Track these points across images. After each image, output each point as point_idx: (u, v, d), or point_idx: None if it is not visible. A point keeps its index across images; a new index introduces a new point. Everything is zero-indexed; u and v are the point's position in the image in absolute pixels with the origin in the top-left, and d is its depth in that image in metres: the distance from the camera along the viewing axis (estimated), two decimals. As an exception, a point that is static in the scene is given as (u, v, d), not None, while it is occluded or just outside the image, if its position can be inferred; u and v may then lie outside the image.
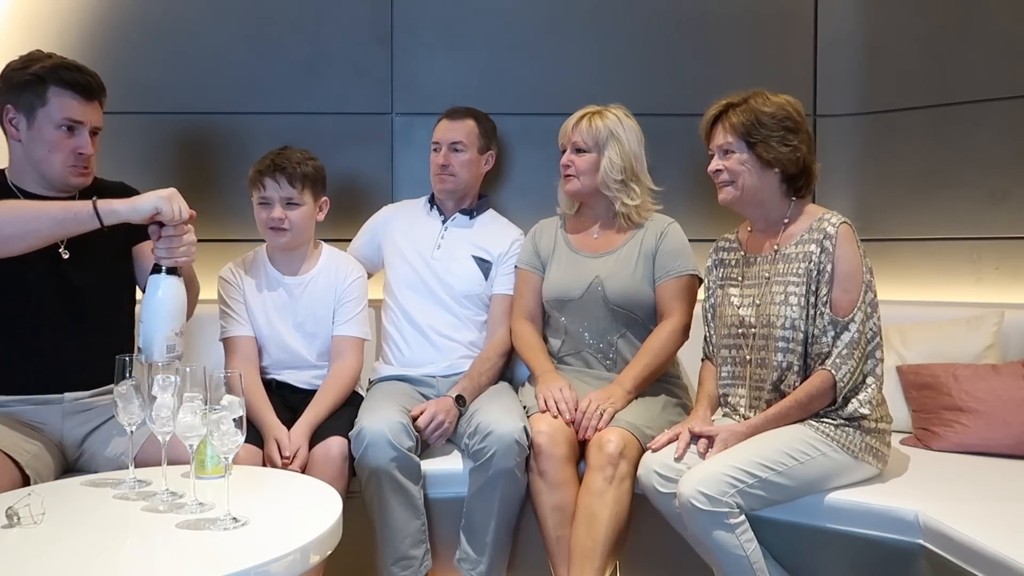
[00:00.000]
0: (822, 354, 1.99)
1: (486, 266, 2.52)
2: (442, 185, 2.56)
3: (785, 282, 2.04)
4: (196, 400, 1.51)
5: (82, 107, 1.99)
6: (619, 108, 2.40)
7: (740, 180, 2.07)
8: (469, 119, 2.57)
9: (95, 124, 2.03)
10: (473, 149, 2.55)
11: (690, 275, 2.34)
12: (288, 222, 2.28)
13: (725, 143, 2.08)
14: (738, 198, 2.09)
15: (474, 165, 2.57)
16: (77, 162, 2.00)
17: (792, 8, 2.95)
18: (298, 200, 2.28)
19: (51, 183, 2.01)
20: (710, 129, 2.13)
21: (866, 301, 1.99)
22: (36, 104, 1.96)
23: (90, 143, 2.01)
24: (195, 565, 1.35)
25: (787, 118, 2.05)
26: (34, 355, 1.99)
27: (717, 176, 2.11)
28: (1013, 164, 2.71)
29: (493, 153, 2.63)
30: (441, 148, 2.54)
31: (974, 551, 1.66)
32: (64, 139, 1.98)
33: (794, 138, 2.05)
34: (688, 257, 2.35)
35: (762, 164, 2.05)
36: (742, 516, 1.87)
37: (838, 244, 1.99)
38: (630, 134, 2.36)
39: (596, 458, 2.08)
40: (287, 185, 2.27)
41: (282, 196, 2.27)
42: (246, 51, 2.86)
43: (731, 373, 2.16)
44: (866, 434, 1.99)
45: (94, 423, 2.04)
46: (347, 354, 2.35)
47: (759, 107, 2.05)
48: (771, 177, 2.07)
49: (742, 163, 2.06)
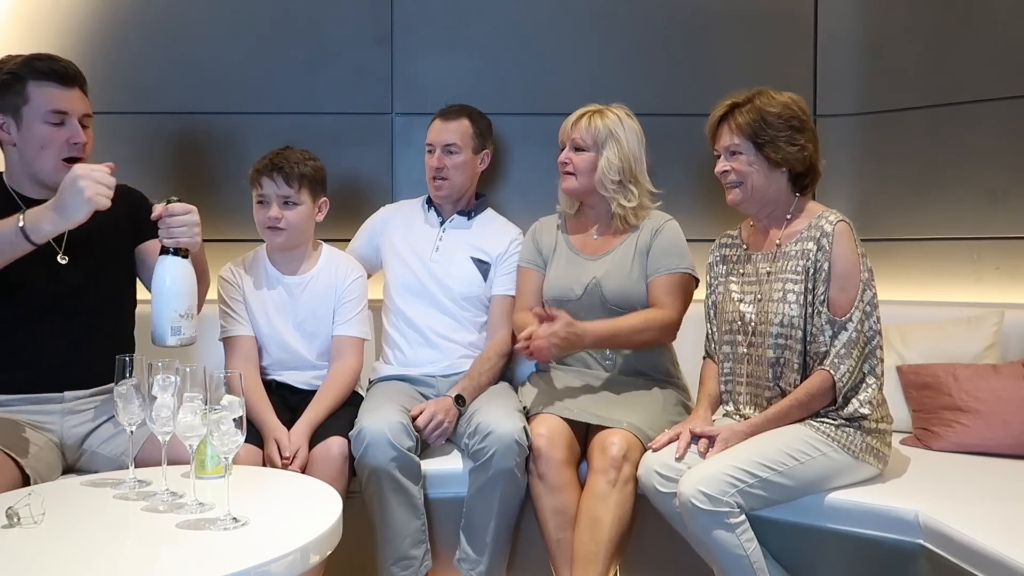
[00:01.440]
0: (820, 353, 1.99)
1: (484, 267, 2.51)
2: (437, 192, 2.54)
3: (784, 279, 2.04)
4: (196, 400, 1.51)
5: (64, 94, 1.97)
6: (621, 108, 2.39)
7: (748, 181, 2.07)
8: (463, 118, 2.53)
9: (83, 111, 2.00)
10: (468, 150, 2.52)
11: (683, 273, 2.31)
12: (285, 221, 2.27)
13: (732, 144, 2.07)
14: (747, 199, 2.09)
15: (469, 166, 2.55)
16: (72, 152, 1.97)
17: (792, 8, 2.95)
18: (295, 199, 2.28)
19: (45, 182, 1.98)
20: (715, 130, 2.12)
21: (864, 300, 1.99)
22: (19, 103, 1.95)
23: (82, 132, 1.99)
24: (195, 565, 1.35)
25: (793, 117, 2.04)
26: (34, 355, 1.99)
27: (725, 177, 2.10)
28: (1013, 164, 2.71)
29: (489, 152, 2.61)
30: (435, 150, 2.51)
31: (974, 551, 1.66)
32: (54, 132, 1.96)
33: (800, 137, 2.05)
34: (682, 255, 2.32)
35: (770, 164, 2.05)
36: (742, 516, 1.87)
37: (835, 243, 1.99)
38: (630, 135, 2.35)
39: (599, 461, 2.08)
40: (284, 184, 2.26)
41: (279, 195, 2.27)
42: (246, 51, 2.86)
43: (732, 369, 2.16)
44: (867, 434, 1.99)
45: (94, 423, 2.04)
46: (347, 354, 2.35)
47: (765, 107, 2.04)
48: (778, 176, 2.07)
49: (750, 164, 2.06)
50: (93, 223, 1.93)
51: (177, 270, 1.76)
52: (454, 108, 2.56)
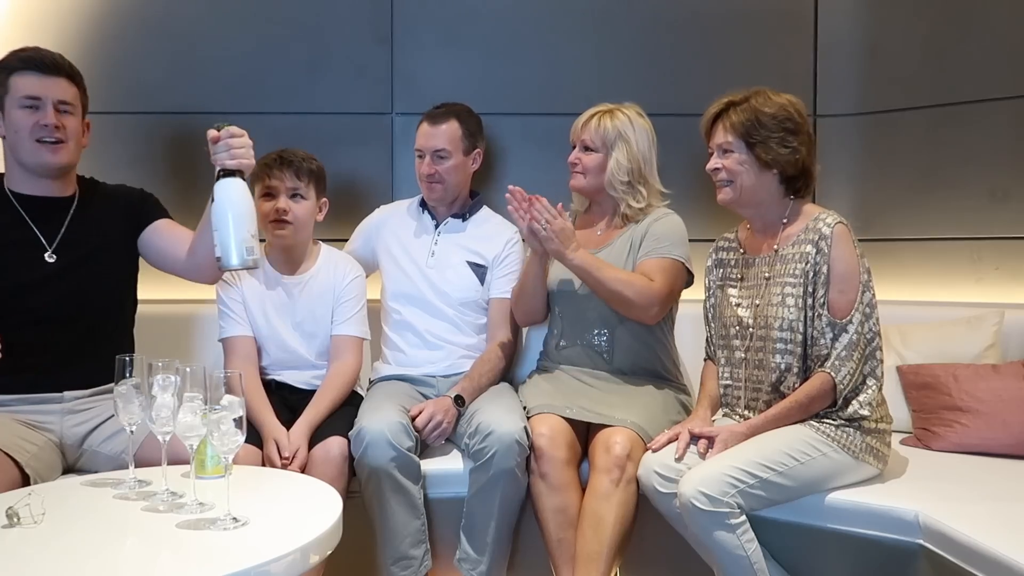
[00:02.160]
0: (821, 356, 1.98)
1: (481, 271, 2.50)
2: (431, 194, 2.52)
3: (783, 283, 2.04)
4: (196, 400, 1.51)
5: (40, 82, 1.99)
6: (632, 107, 2.39)
7: (738, 180, 2.06)
8: (451, 120, 2.46)
9: (59, 97, 2.01)
10: (458, 153, 2.47)
11: (674, 259, 2.28)
12: (292, 215, 2.28)
13: (724, 142, 2.07)
14: (736, 198, 2.08)
15: (461, 169, 2.50)
16: (43, 134, 1.99)
17: (792, 8, 2.95)
18: (303, 193, 2.29)
19: (27, 167, 2.02)
20: (710, 127, 2.12)
21: (864, 302, 1.99)
22: (3, 95, 1.99)
23: (54, 115, 1.99)
24: (195, 565, 1.35)
25: (788, 119, 2.04)
26: (32, 356, 1.99)
27: (715, 175, 2.10)
28: (1013, 164, 2.71)
29: (481, 150, 2.56)
30: (425, 156, 2.46)
31: (974, 551, 1.66)
32: (27, 116, 1.98)
33: (794, 140, 2.04)
34: (676, 244, 2.29)
35: (760, 165, 2.04)
36: (743, 516, 1.86)
37: (834, 245, 1.98)
38: (640, 135, 2.34)
39: (603, 460, 2.08)
40: (293, 177, 2.28)
41: (288, 187, 2.28)
42: (246, 51, 2.86)
43: (730, 374, 2.16)
44: (866, 434, 1.99)
45: (94, 422, 2.04)
46: (346, 353, 2.35)
47: (760, 107, 2.03)
48: (769, 178, 2.06)
49: (740, 163, 2.05)
50: (89, 222, 1.94)
51: (241, 192, 1.69)
52: (440, 111, 2.49)
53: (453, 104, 2.52)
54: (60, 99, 2.01)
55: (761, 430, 1.99)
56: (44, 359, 2.00)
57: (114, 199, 2.16)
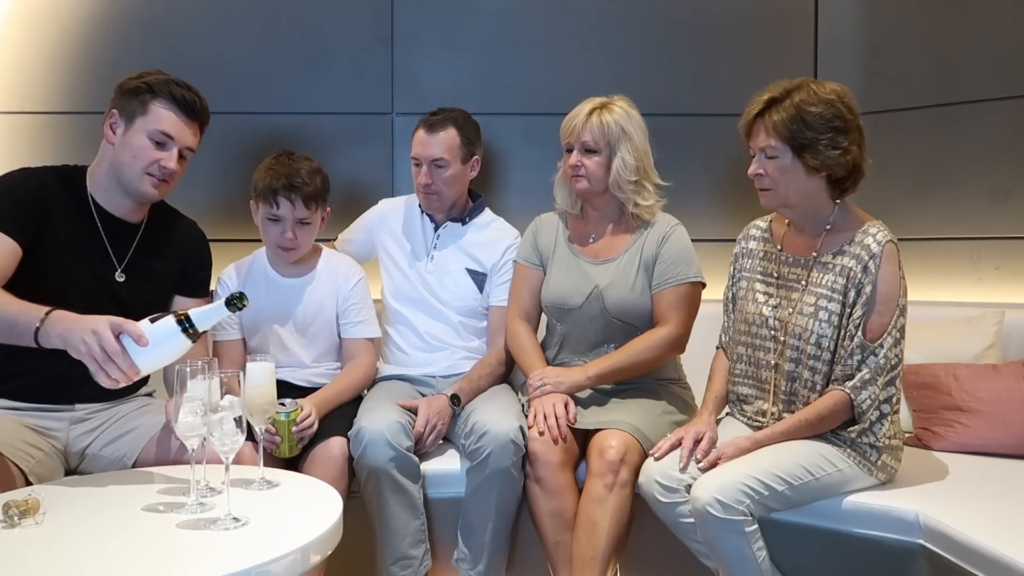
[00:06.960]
0: (843, 375, 1.91)
1: (480, 278, 2.47)
2: (428, 205, 2.47)
3: (818, 294, 1.93)
4: (196, 400, 1.51)
5: (179, 124, 1.97)
6: (622, 99, 2.30)
7: (782, 187, 1.92)
8: (449, 128, 2.39)
9: (187, 144, 2.00)
10: (456, 162, 2.40)
11: (691, 283, 2.25)
12: (297, 242, 2.26)
13: (767, 146, 1.90)
14: (779, 205, 1.96)
15: (459, 178, 2.44)
16: (156, 173, 1.97)
17: (792, 7, 2.95)
18: (310, 219, 2.26)
19: (125, 188, 1.99)
20: (750, 127, 1.95)
21: (897, 326, 1.88)
22: (138, 112, 1.96)
23: (176, 160, 1.98)
24: (195, 565, 1.35)
25: (836, 116, 1.86)
26: (57, 368, 1.95)
27: (758, 181, 1.95)
28: (1013, 164, 2.71)
29: (479, 157, 2.48)
30: (422, 165, 2.40)
31: (974, 551, 1.66)
32: (150, 150, 1.96)
33: (844, 139, 1.87)
34: (689, 264, 2.25)
35: (807, 170, 1.89)
36: (755, 524, 1.84)
37: (882, 265, 1.86)
38: (637, 128, 2.27)
39: (597, 464, 2.06)
40: (302, 207, 2.23)
41: (296, 217, 2.24)
42: (246, 51, 2.86)
43: (744, 372, 2.09)
44: (882, 452, 1.95)
45: (99, 431, 2.03)
46: (360, 355, 2.36)
47: (805, 105, 1.86)
48: (816, 182, 1.91)
49: (784, 170, 1.90)
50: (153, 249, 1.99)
51: None
52: (438, 117, 2.41)
53: (450, 110, 2.45)
54: (188, 146, 2.00)
55: (766, 444, 1.93)
56: (68, 372, 1.96)
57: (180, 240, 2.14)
